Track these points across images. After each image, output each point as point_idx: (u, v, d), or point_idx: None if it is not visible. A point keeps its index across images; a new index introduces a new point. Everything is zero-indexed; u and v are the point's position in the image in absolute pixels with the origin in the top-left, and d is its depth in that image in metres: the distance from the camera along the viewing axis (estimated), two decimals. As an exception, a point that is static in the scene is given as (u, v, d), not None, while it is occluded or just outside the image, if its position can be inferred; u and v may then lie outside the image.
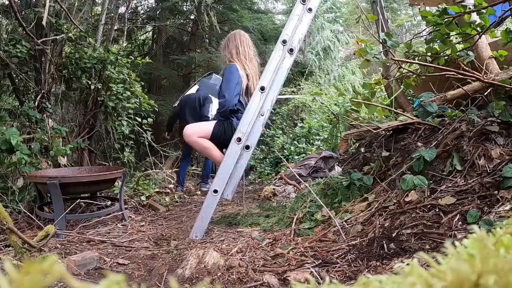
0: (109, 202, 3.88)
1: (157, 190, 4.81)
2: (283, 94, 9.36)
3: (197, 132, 3.37)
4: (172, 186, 5.24)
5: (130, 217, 3.71)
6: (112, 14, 5.85)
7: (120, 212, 3.50)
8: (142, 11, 10.15)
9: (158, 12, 9.66)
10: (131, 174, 4.99)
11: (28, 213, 3.29)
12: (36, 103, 4.06)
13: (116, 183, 4.03)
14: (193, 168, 7.33)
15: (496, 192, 2.04)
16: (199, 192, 5.44)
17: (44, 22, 3.79)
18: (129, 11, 8.80)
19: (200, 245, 2.69)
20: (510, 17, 3.85)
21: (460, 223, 1.98)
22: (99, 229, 3.25)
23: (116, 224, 3.40)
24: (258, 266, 2.14)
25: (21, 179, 3.55)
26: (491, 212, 1.91)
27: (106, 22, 5.62)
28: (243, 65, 3.42)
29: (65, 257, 2.40)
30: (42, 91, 4.15)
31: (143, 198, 4.35)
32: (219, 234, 3.03)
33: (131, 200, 4.27)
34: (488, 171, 2.24)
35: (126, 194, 4.35)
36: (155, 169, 5.40)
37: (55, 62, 4.33)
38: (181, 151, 6.20)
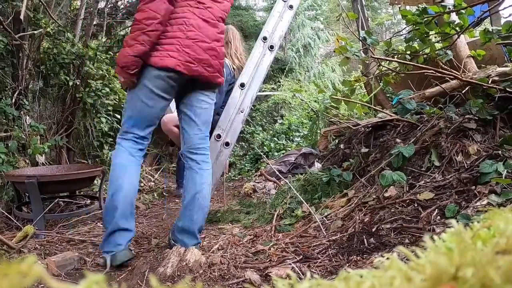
0: (89, 201, 3.82)
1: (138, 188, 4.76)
2: (263, 91, 9.37)
3: (174, 121, 3.30)
4: (152, 183, 5.19)
5: (110, 215, 3.66)
6: (92, 9, 5.75)
7: (100, 211, 3.45)
8: (122, 6, 9.99)
9: (138, 7, 9.54)
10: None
11: (6, 213, 3.21)
12: (13, 100, 3.95)
13: (95, 181, 3.97)
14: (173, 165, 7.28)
15: (473, 187, 2.09)
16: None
17: (22, 16, 3.69)
18: (109, 6, 8.66)
19: (181, 242, 2.68)
20: (489, 17, 3.93)
21: (438, 217, 2.02)
22: (79, 228, 3.20)
23: (96, 223, 3.35)
24: (239, 263, 2.14)
25: (-3, 178, 3.46)
26: (469, 207, 1.95)
27: (85, 17, 5.51)
28: (234, 60, 3.42)
29: (45, 258, 2.36)
30: (20, 87, 4.05)
31: (123, 196, 4.30)
32: (200, 231, 3.02)
33: (111, 198, 4.21)
34: (466, 167, 2.29)
35: (106, 192, 4.30)
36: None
37: (33, 58, 4.23)
38: (164, 147, 6.15)
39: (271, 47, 3.07)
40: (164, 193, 4.78)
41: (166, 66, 2.19)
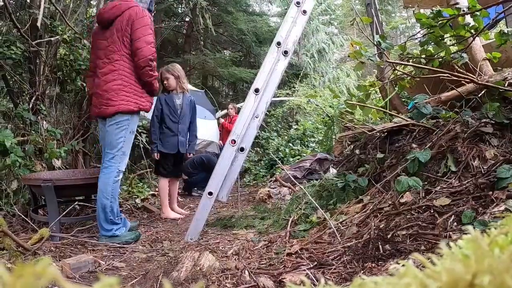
0: (104, 205, 3.85)
1: (152, 192, 4.80)
2: (278, 96, 9.38)
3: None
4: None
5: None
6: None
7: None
8: (137, 13, 10.12)
9: (153, 14, 9.65)
10: (126, 176, 4.97)
11: (22, 216, 3.27)
12: (31, 105, 4.03)
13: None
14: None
15: (490, 193, 2.05)
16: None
17: (38, 24, 3.77)
18: (124, 13, 8.77)
19: (195, 247, 2.68)
20: (504, 19, 3.88)
21: (455, 223, 1.98)
22: (94, 232, 3.24)
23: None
24: (253, 269, 2.13)
25: (15, 182, 3.53)
26: (486, 213, 1.92)
27: (101, 24, 5.59)
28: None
29: (59, 260, 2.39)
30: (37, 93, 4.13)
31: (137, 200, 4.34)
32: (214, 236, 3.03)
33: (126, 203, 4.26)
34: (483, 172, 2.25)
35: (121, 197, 4.34)
36: (150, 172, 5.39)
37: (50, 64, 4.31)
38: None
39: (285, 52, 3.07)
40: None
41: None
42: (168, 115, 4.05)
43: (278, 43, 3.08)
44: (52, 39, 4.23)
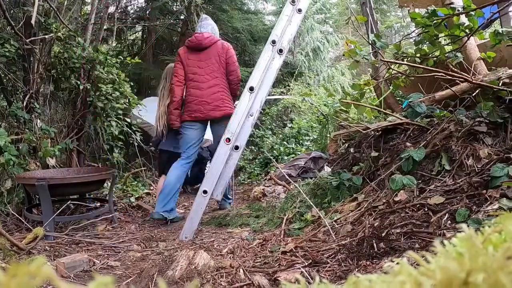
0: (98, 204, 3.85)
1: (147, 191, 4.78)
2: (273, 95, 9.37)
3: None
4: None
5: (120, 218, 3.69)
6: (102, 14, 5.81)
7: (110, 215, 3.47)
8: (132, 11, 10.08)
9: (148, 12, 9.61)
10: (121, 175, 4.96)
11: (16, 215, 3.25)
12: (25, 103, 4.00)
13: (105, 184, 4.00)
14: None
15: (484, 191, 2.06)
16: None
17: (33, 21, 3.74)
18: (119, 11, 8.74)
19: (190, 246, 2.68)
20: (499, 19, 3.90)
21: (449, 222, 1.99)
22: (89, 231, 3.23)
23: (106, 226, 3.38)
24: (248, 267, 2.13)
25: (9, 181, 3.50)
26: (480, 211, 1.93)
27: (96, 22, 5.56)
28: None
29: (54, 260, 2.38)
30: (31, 91, 4.10)
31: (132, 199, 4.32)
32: (209, 235, 3.02)
33: (120, 201, 4.24)
34: (477, 170, 2.26)
35: (116, 195, 4.33)
36: (144, 170, 5.37)
37: (44, 62, 4.28)
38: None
39: (280, 50, 3.07)
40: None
41: None
42: None
43: (273, 42, 3.08)
44: (46, 36, 4.20)
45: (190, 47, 3.77)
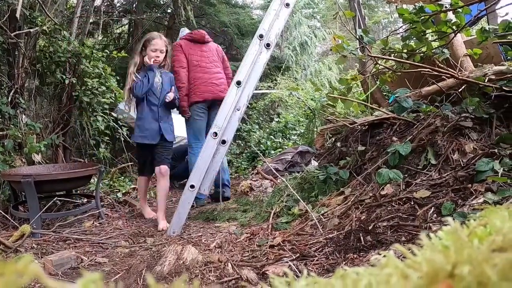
0: (85, 200, 3.81)
1: (134, 186, 4.75)
2: (260, 89, 9.35)
3: None
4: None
5: (107, 214, 3.66)
6: (88, 7, 5.73)
7: (97, 211, 3.44)
8: (118, 4, 9.96)
9: (134, 5, 9.50)
10: (107, 170, 4.91)
11: (2, 212, 3.20)
12: (9, 98, 3.93)
13: (92, 180, 3.97)
14: None
15: (469, 185, 2.10)
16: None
17: (18, 15, 3.67)
18: (105, 4, 8.63)
19: (178, 241, 2.68)
20: (486, 16, 3.94)
21: (435, 215, 2.02)
22: (76, 227, 3.20)
23: (93, 222, 3.35)
24: (236, 261, 2.14)
25: (-6, 177, 3.45)
26: (465, 205, 1.96)
27: (81, 15, 5.48)
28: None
29: (41, 257, 2.36)
30: (15, 86, 4.03)
31: (119, 195, 4.29)
32: (196, 229, 3.02)
33: (107, 197, 4.21)
34: (462, 165, 2.29)
35: (102, 191, 4.29)
36: (131, 165, 5.33)
37: (29, 56, 4.20)
38: None
39: (268, 45, 3.06)
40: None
41: None
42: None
43: (261, 36, 3.07)
44: (31, 30, 4.12)
45: (193, 39, 3.99)
